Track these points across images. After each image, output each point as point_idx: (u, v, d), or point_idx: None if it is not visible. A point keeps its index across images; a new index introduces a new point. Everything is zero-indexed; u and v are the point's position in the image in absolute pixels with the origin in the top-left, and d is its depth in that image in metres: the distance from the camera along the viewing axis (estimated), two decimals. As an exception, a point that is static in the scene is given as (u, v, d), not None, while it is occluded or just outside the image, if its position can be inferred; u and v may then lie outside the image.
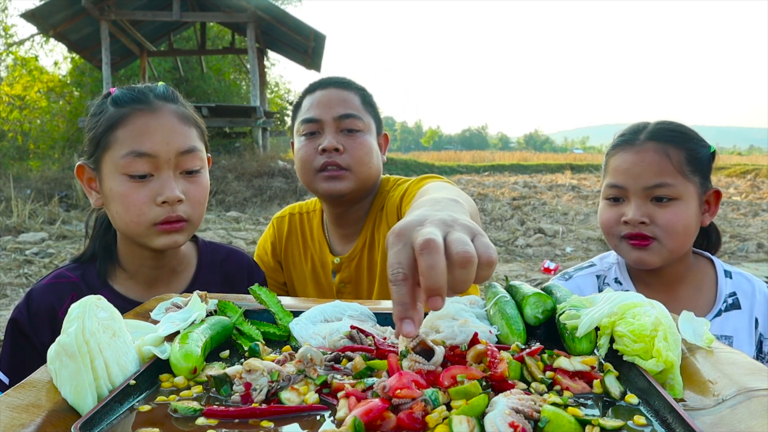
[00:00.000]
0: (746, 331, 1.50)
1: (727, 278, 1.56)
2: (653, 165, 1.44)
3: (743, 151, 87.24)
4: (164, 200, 1.30)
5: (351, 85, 1.76)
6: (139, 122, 1.31)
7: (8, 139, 18.76)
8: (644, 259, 1.47)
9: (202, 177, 1.40)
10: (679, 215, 1.44)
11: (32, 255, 6.87)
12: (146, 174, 1.31)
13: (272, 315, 1.06)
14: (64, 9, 13.59)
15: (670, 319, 0.83)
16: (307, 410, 0.72)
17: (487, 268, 0.71)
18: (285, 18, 14.54)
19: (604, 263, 1.68)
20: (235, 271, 1.60)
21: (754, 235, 8.41)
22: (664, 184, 1.43)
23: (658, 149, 1.44)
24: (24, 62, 20.34)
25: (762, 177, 19.39)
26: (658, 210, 1.44)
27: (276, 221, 1.96)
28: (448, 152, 46.79)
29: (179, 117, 1.36)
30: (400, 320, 0.71)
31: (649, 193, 1.45)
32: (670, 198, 1.44)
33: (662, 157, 1.43)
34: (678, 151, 1.44)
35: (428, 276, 0.68)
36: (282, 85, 26.35)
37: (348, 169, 1.66)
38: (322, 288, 1.83)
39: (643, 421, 0.68)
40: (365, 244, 1.75)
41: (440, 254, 0.69)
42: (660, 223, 1.44)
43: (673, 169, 1.43)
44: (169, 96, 1.39)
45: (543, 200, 12.98)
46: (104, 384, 0.75)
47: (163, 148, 1.31)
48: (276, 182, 13.11)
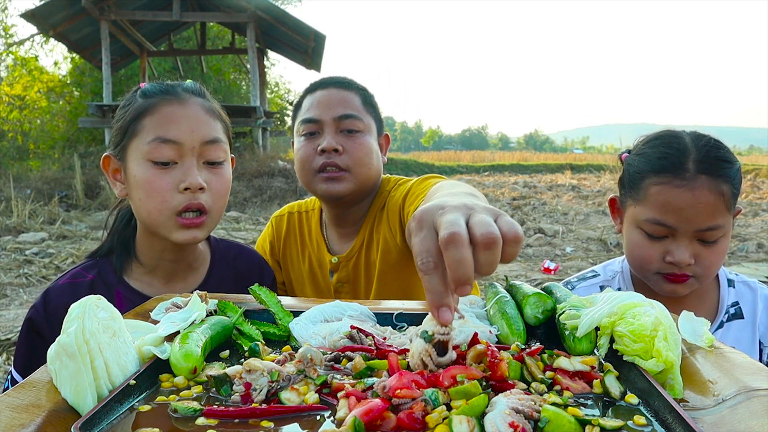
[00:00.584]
0: (748, 340, 1.47)
1: (730, 287, 1.51)
2: (709, 207, 1.31)
3: (743, 151, 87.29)
4: (186, 187, 1.32)
5: (352, 85, 1.75)
6: (166, 110, 1.35)
7: (8, 139, 18.75)
8: (677, 291, 1.39)
9: (225, 169, 1.42)
10: (722, 252, 1.36)
11: (32, 255, 6.87)
12: (170, 161, 1.33)
13: (272, 315, 1.06)
14: (64, 9, 13.58)
15: (670, 319, 0.83)
16: (307, 410, 0.72)
17: (514, 244, 0.70)
18: (285, 18, 14.54)
19: (608, 272, 1.62)
20: (247, 269, 1.61)
21: (754, 235, 8.40)
22: (716, 227, 1.32)
23: (712, 188, 1.31)
24: (24, 62, 20.33)
25: (762, 177, 19.39)
26: (704, 250, 1.35)
27: (275, 220, 1.95)
28: (448, 152, 46.78)
29: (205, 109, 1.40)
30: (437, 308, 0.71)
31: (698, 235, 1.34)
32: (718, 238, 1.35)
33: (717, 198, 1.31)
34: (727, 186, 1.33)
35: (456, 269, 0.67)
36: (282, 85, 26.34)
37: (347, 170, 1.65)
38: (319, 287, 1.83)
39: (643, 421, 0.68)
40: (363, 244, 1.74)
41: (465, 246, 0.68)
42: (704, 263, 1.35)
43: (725, 209, 1.33)
44: (197, 90, 1.43)
45: (543, 200, 12.98)
46: (104, 384, 0.74)
47: (188, 136, 1.33)
48: (276, 182, 13.11)
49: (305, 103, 1.75)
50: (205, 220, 1.37)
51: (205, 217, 1.37)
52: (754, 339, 1.47)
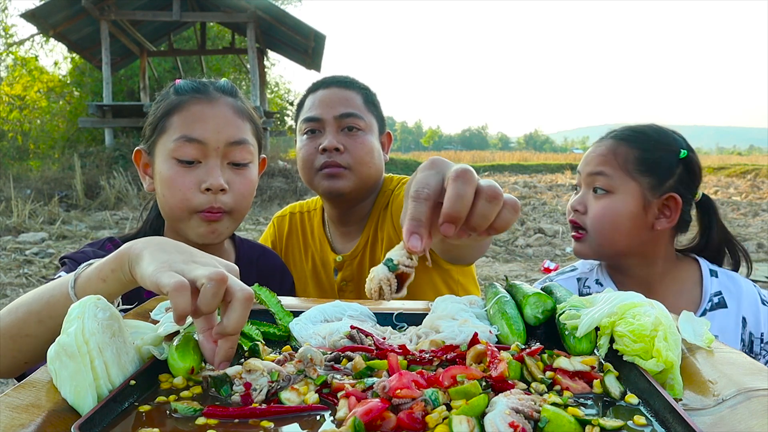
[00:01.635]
0: (733, 330, 1.50)
1: (713, 277, 1.55)
2: (598, 157, 1.53)
3: (743, 151, 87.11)
4: (207, 187, 1.32)
5: (353, 84, 1.76)
6: (194, 109, 1.35)
7: (8, 139, 18.76)
8: (577, 249, 1.56)
9: (250, 171, 1.41)
10: (607, 208, 1.50)
11: (32, 255, 6.87)
12: (194, 160, 1.33)
13: (272, 315, 1.06)
14: (64, 9, 13.59)
15: (670, 319, 0.83)
16: (307, 410, 0.72)
17: (513, 212, 0.72)
18: (285, 18, 14.54)
19: (585, 266, 1.69)
20: (270, 271, 1.61)
21: (754, 235, 8.41)
22: (601, 173, 1.50)
23: (609, 144, 1.53)
24: (24, 62, 20.33)
25: (762, 177, 19.38)
26: (593, 201, 1.53)
27: (276, 220, 1.95)
28: (448, 152, 46.75)
29: (234, 109, 1.39)
30: (410, 233, 0.71)
31: (589, 181, 1.54)
32: (604, 190, 1.51)
33: (608, 151, 1.52)
34: (629, 149, 1.50)
35: (453, 201, 0.68)
36: (282, 85, 26.35)
37: (348, 168, 1.66)
38: (323, 287, 1.83)
39: (643, 421, 0.68)
40: (368, 242, 1.75)
41: (472, 187, 0.70)
42: (590, 213, 1.52)
43: (615, 163, 1.50)
44: (228, 89, 1.43)
45: (543, 200, 12.98)
46: (104, 384, 0.74)
47: (214, 136, 1.33)
48: (276, 182, 13.12)
49: (307, 102, 1.76)
50: (224, 217, 1.36)
51: (223, 214, 1.36)
52: (738, 329, 1.50)
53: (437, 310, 1.04)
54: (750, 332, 1.50)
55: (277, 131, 18.77)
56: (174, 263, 0.81)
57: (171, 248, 0.87)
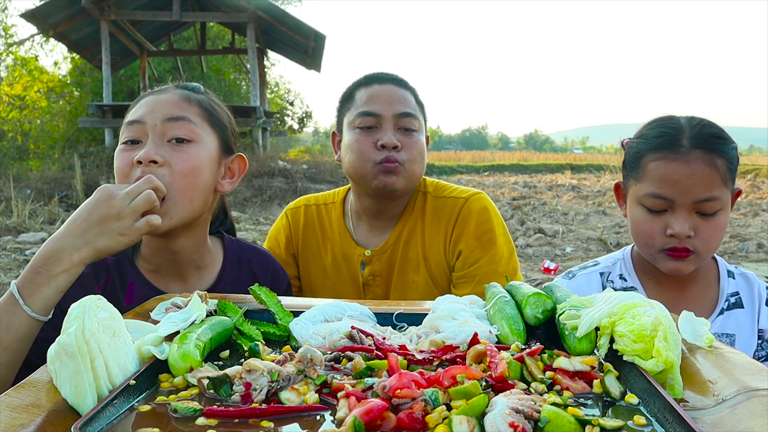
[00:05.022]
0: (749, 329, 1.51)
1: (730, 278, 1.57)
2: (704, 178, 1.38)
3: (743, 151, 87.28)
4: (138, 159, 1.30)
5: (407, 84, 1.79)
6: (143, 100, 1.39)
7: (8, 139, 18.75)
8: (680, 268, 1.44)
9: (191, 148, 1.36)
10: (720, 226, 1.42)
11: (32, 255, 6.87)
12: (135, 139, 1.35)
13: (272, 315, 1.06)
14: (64, 9, 13.58)
15: (670, 319, 0.83)
16: (307, 410, 0.72)
17: None
18: (285, 18, 14.53)
19: (609, 260, 1.68)
20: (260, 272, 1.60)
21: (754, 235, 8.40)
22: (713, 198, 1.38)
23: (706, 161, 1.38)
24: (24, 62, 20.32)
25: (762, 177, 19.38)
26: (703, 223, 1.40)
27: (290, 212, 1.93)
28: (448, 152, 46.75)
29: (183, 96, 1.40)
30: None
31: (696, 207, 1.40)
32: (716, 211, 1.40)
33: (711, 170, 1.38)
34: (722, 160, 1.40)
35: None
36: (282, 85, 26.35)
37: (402, 165, 1.68)
38: (343, 280, 1.83)
39: (643, 421, 0.68)
40: (400, 238, 1.77)
41: None
42: (703, 236, 1.41)
43: (720, 181, 1.39)
44: (191, 86, 1.46)
45: (543, 200, 12.98)
46: (104, 384, 0.75)
47: (150, 115, 1.35)
48: (276, 182, 13.11)
49: (360, 95, 1.75)
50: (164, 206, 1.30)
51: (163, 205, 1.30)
52: (754, 329, 1.52)
53: (437, 310, 1.04)
54: (761, 328, 1.53)
55: (277, 131, 18.76)
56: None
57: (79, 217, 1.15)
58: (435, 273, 1.75)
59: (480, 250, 1.69)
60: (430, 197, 1.79)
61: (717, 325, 1.51)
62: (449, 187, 1.82)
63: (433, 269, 1.74)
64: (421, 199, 1.80)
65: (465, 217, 1.72)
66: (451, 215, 1.74)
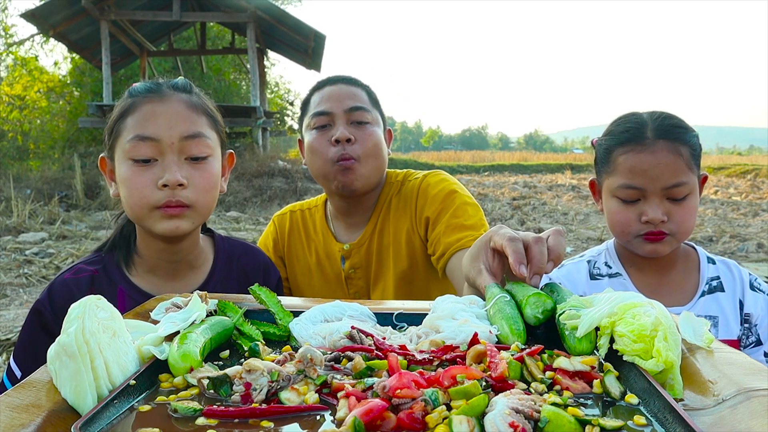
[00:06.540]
0: (732, 312, 1.59)
1: (710, 264, 1.65)
2: (670, 166, 1.48)
3: (743, 151, 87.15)
4: (164, 183, 1.31)
5: (358, 82, 1.85)
6: (146, 108, 1.35)
7: (8, 139, 18.75)
8: (658, 249, 1.53)
9: (209, 164, 1.40)
10: (691, 209, 1.52)
11: (32, 255, 6.87)
12: (150, 158, 1.33)
13: (272, 315, 1.06)
14: (64, 9, 13.58)
15: (670, 319, 0.83)
16: (307, 410, 0.72)
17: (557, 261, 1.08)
18: (285, 18, 14.54)
19: (594, 251, 1.77)
20: (252, 269, 1.62)
21: (754, 235, 8.40)
22: (681, 184, 1.48)
23: (671, 149, 1.48)
24: (24, 62, 20.32)
25: (762, 177, 19.38)
26: (674, 207, 1.50)
27: (277, 219, 2.03)
28: (448, 152, 46.77)
29: (188, 104, 1.39)
30: (518, 264, 1.04)
31: (666, 193, 1.49)
32: (685, 195, 1.49)
33: (676, 157, 1.48)
34: (685, 147, 1.50)
35: (538, 258, 1.05)
36: (282, 85, 26.34)
37: (358, 159, 1.73)
38: (327, 277, 1.90)
39: (643, 421, 0.68)
40: (375, 231, 1.83)
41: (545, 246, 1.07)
42: (677, 219, 1.50)
43: (686, 167, 1.49)
44: (181, 86, 1.43)
45: (543, 200, 12.99)
46: (104, 384, 0.74)
47: (166, 132, 1.33)
48: (276, 182, 13.11)
49: (314, 99, 1.82)
50: (185, 210, 1.36)
51: (185, 209, 1.35)
52: (736, 312, 1.60)
53: (437, 310, 1.04)
54: (746, 313, 1.60)
55: (277, 131, 18.75)
56: None
57: None
58: (411, 253, 1.79)
59: (444, 209, 1.74)
60: (396, 186, 1.86)
61: (699, 307, 1.58)
62: (413, 173, 1.90)
63: (409, 250, 1.80)
64: (391, 190, 1.87)
65: (425, 189, 1.79)
66: (412, 193, 1.81)
